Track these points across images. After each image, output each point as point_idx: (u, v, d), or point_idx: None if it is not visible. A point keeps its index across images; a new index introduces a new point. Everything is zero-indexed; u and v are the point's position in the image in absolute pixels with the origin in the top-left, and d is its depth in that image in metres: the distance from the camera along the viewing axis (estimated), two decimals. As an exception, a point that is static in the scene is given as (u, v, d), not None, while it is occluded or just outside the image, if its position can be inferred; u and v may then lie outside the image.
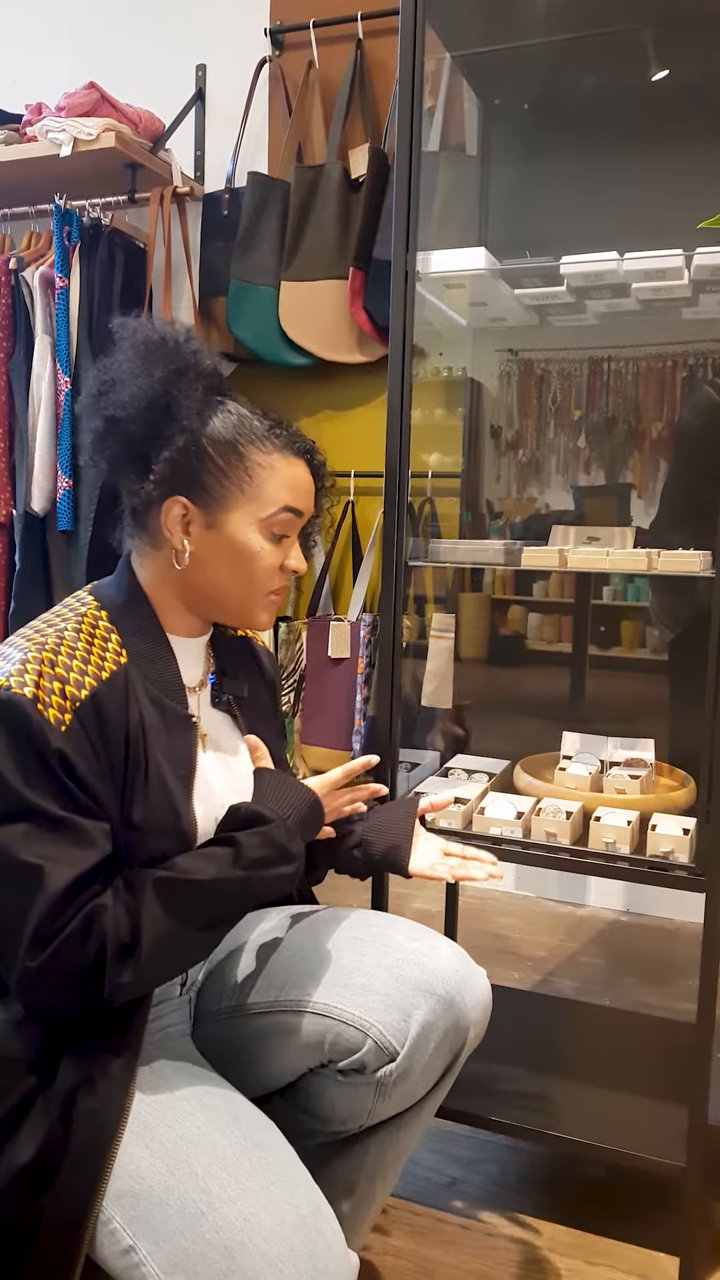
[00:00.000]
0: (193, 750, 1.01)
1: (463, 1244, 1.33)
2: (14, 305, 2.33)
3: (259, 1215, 0.82)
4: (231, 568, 1.01)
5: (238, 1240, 0.81)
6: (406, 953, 1.04)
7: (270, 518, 1.00)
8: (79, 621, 0.97)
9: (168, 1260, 0.82)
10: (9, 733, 0.88)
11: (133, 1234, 0.84)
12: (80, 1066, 0.90)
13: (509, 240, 1.62)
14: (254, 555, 1.01)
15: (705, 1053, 1.25)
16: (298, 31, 2.35)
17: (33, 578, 2.35)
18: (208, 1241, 0.81)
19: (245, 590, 1.02)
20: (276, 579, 1.03)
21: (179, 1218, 0.83)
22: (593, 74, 1.61)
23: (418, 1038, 0.99)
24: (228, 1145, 0.88)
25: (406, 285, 1.32)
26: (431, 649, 1.97)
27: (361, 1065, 0.99)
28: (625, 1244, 1.33)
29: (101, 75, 2.37)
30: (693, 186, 1.54)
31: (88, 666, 0.93)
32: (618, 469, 1.91)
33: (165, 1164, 0.86)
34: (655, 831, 1.29)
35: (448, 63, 1.77)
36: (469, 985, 1.05)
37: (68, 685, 0.91)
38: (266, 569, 1.02)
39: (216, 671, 1.11)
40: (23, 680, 0.89)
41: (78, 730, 0.90)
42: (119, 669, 0.95)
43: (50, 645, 0.93)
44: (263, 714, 1.15)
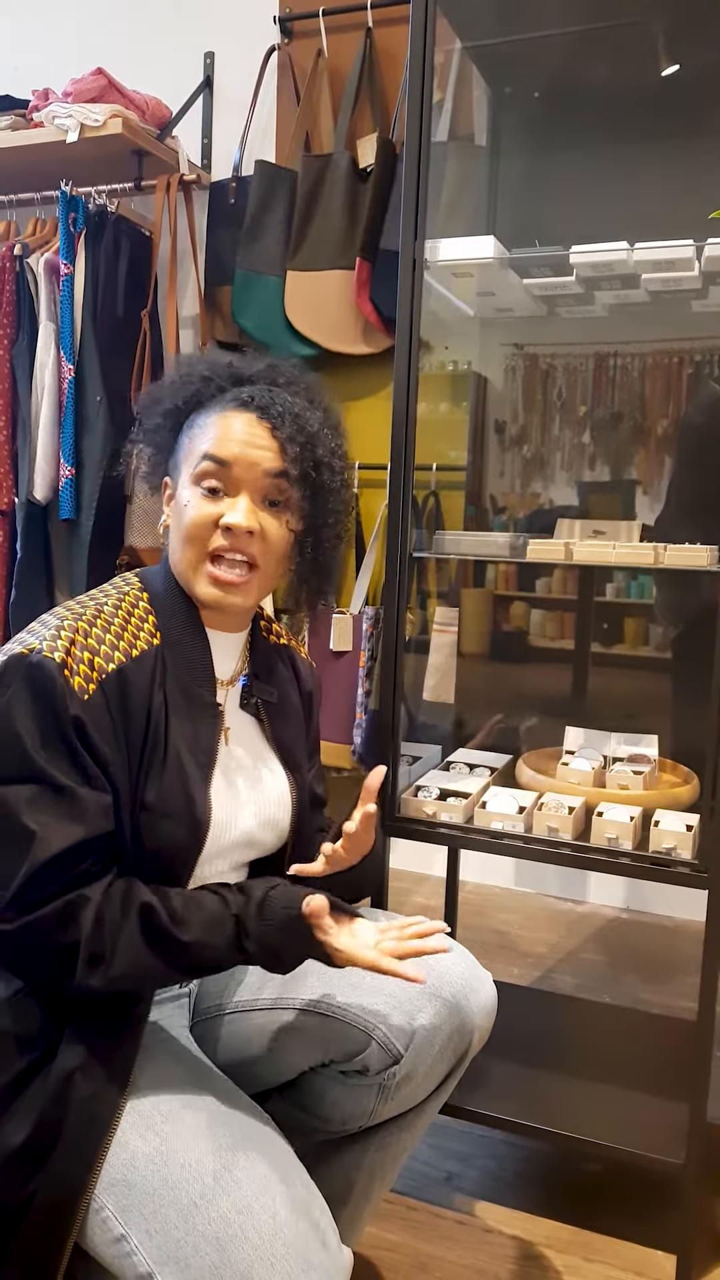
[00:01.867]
0: (215, 740, 1.01)
1: (459, 1239, 1.33)
2: (18, 292, 2.32)
3: (252, 1208, 0.82)
4: (176, 531, 1.00)
5: (230, 1233, 0.80)
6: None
7: (195, 469, 0.98)
8: (120, 599, 0.99)
9: (159, 1250, 0.82)
10: (33, 695, 0.89)
11: (124, 1223, 0.84)
12: (80, 1050, 0.89)
13: (518, 231, 1.60)
14: (183, 509, 0.98)
15: (705, 1050, 1.24)
16: (307, 19, 2.33)
17: (34, 566, 2.34)
18: (200, 1233, 0.81)
19: (184, 553, 0.99)
20: (213, 536, 0.97)
21: (172, 1208, 0.82)
22: (605, 65, 1.60)
23: (422, 1040, 0.98)
24: (223, 1138, 0.87)
25: (415, 273, 1.31)
26: (434, 643, 1.96)
27: (364, 1066, 0.99)
28: (622, 1241, 1.33)
29: (109, 61, 2.35)
30: (704, 179, 1.53)
31: (120, 642, 0.95)
32: (623, 465, 1.90)
33: (160, 1154, 0.86)
34: (658, 827, 1.28)
35: (457, 52, 1.75)
36: (475, 989, 1.04)
37: (97, 657, 0.92)
38: (195, 522, 0.97)
39: (249, 674, 1.09)
40: (55, 645, 0.91)
41: (100, 701, 0.91)
42: (150, 649, 0.96)
43: (88, 617, 0.95)
44: (294, 724, 1.13)
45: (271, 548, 0.99)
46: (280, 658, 1.15)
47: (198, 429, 1.00)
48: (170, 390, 1.05)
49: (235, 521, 0.96)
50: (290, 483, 0.99)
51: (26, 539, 2.32)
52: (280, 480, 0.98)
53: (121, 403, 2.28)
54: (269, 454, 0.97)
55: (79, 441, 2.26)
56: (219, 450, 0.97)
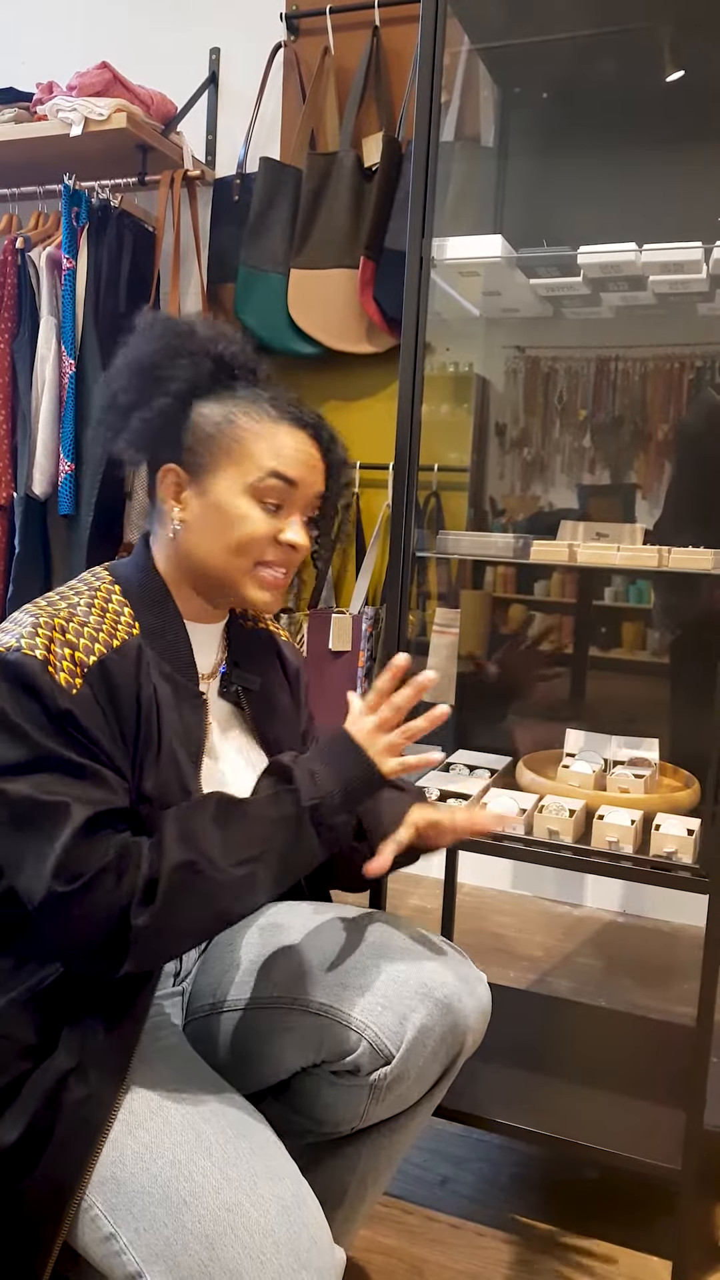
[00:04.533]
0: (203, 729, 1.00)
1: (453, 1243, 1.32)
2: (20, 285, 2.31)
3: (242, 1205, 0.81)
4: (217, 534, 0.98)
5: (219, 1230, 0.79)
6: (405, 955, 1.02)
7: (258, 483, 0.97)
8: (92, 595, 0.96)
9: (148, 1248, 0.81)
10: (20, 690, 0.87)
11: (113, 1221, 0.83)
12: (75, 1052, 0.88)
13: (525, 231, 1.60)
14: (239, 519, 0.97)
15: (703, 1057, 1.23)
16: (314, 17, 2.32)
17: (32, 561, 2.33)
18: (189, 1231, 0.80)
19: (230, 559, 0.98)
20: (269, 550, 0.99)
21: (160, 1206, 0.82)
22: (615, 67, 1.59)
23: (413, 1041, 0.97)
24: (213, 1135, 0.86)
25: (421, 271, 1.30)
26: (433, 644, 1.95)
27: (355, 1067, 0.97)
28: (618, 1247, 1.32)
29: (114, 56, 2.34)
30: (713, 182, 1.53)
31: (99, 634, 0.93)
32: (624, 469, 1.90)
33: (149, 1151, 0.85)
34: (659, 831, 1.28)
35: (465, 53, 1.75)
36: (469, 990, 1.02)
37: (77, 651, 0.90)
38: (254, 536, 0.97)
39: (228, 661, 1.09)
40: (34, 643, 0.88)
41: (88, 694, 0.89)
42: (131, 639, 0.95)
43: (62, 613, 0.92)
44: (278, 710, 1.12)
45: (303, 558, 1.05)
46: (259, 643, 1.14)
47: (245, 431, 0.98)
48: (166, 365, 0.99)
49: (298, 541, 0.99)
50: (326, 504, 1.05)
51: (25, 534, 2.31)
52: (319, 500, 1.04)
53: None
54: (320, 477, 1.02)
55: (79, 437, 2.25)
56: (289, 470, 0.98)
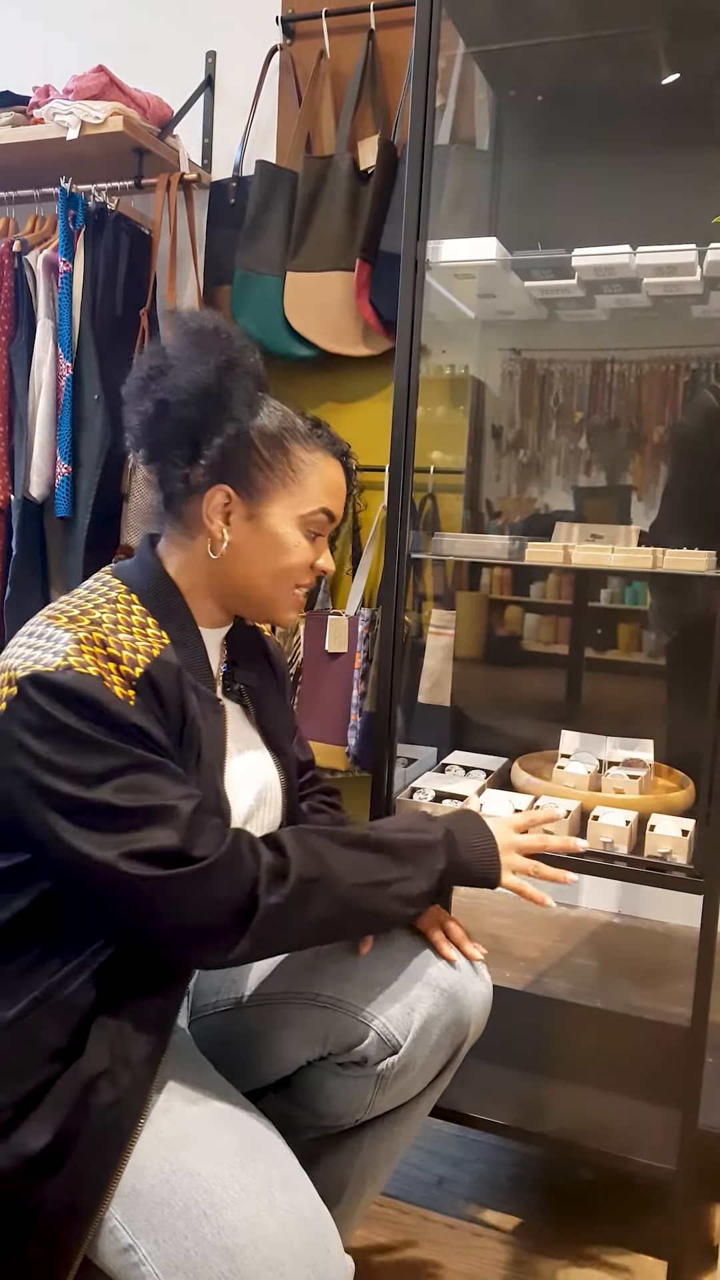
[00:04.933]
0: (224, 735, 1.01)
1: (450, 1243, 1.32)
2: (16, 288, 2.31)
3: (261, 1218, 0.81)
4: (265, 560, 1.00)
5: (239, 1243, 0.80)
6: (409, 948, 1.04)
7: (308, 515, 1.01)
8: (113, 607, 0.94)
9: (168, 1260, 0.81)
10: (86, 706, 0.85)
11: (132, 1232, 0.83)
12: (105, 1055, 0.87)
13: (519, 234, 1.60)
14: (289, 549, 1.01)
15: (698, 1057, 1.24)
16: (309, 20, 2.32)
17: (29, 564, 2.33)
18: (209, 1243, 0.80)
19: (274, 584, 1.02)
20: (306, 576, 1.03)
21: (180, 1218, 0.82)
22: (609, 70, 1.60)
23: (420, 1030, 0.99)
24: (231, 1146, 0.86)
25: (416, 274, 1.31)
26: (429, 645, 1.96)
27: (363, 1058, 0.99)
28: (613, 1246, 1.33)
29: (110, 59, 2.34)
30: (707, 184, 1.53)
31: (139, 645, 0.92)
32: (619, 471, 1.90)
33: (168, 1162, 0.85)
34: (654, 832, 1.28)
35: (459, 56, 1.75)
36: (473, 981, 1.05)
37: (121, 665, 0.89)
38: (298, 565, 1.02)
39: (229, 661, 1.10)
40: (83, 660, 0.87)
41: (142, 705, 0.89)
42: (166, 649, 0.94)
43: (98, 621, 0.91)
44: (273, 705, 1.14)
45: None
46: (251, 642, 1.15)
47: (302, 464, 1.01)
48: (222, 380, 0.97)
49: (327, 566, 1.05)
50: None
51: (22, 537, 2.31)
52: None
53: (119, 401, 2.26)
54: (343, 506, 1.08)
55: (76, 439, 2.25)
56: (334, 507, 1.04)
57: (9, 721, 0.85)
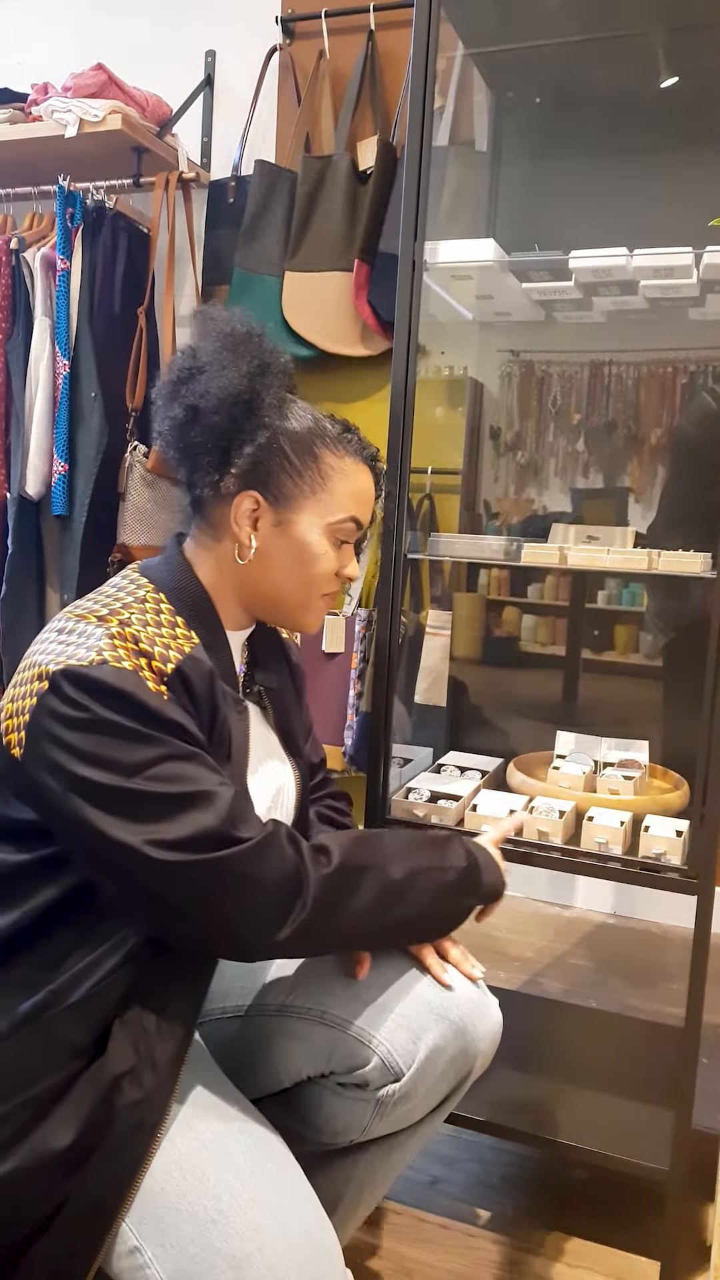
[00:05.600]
0: (247, 733, 1.01)
1: (443, 1243, 1.32)
2: (14, 286, 2.30)
3: (268, 1226, 0.81)
4: (292, 567, 1.00)
5: (246, 1251, 0.80)
6: (421, 974, 1.02)
7: (337, 524, 1.01)
8: (142, 605, 0.94)
9: (174, 1265, 0.81)
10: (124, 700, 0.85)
11: (139, 1234, 0.83)
12: (129, 1054, 0.86)
13: (517, 236, 1.61)
14: (316, 558, 1.00)
15: (691, 1057, 1.24)
16: (309, 20, 2.33)
17: (25, 562, 2.33)
18: (216, 1250, 0.80)
19: (301, 591, 1.01)
20: (332, 584, 1.03)
21: (189, 1223, 0.82)
22: (608, 73, 1.60)
23: (424, 1061, 0.97)
24: (240, 1153, 0.86)
25: (414, 275, 1.31)
26: (426, 646, 1.96)
27: (364, 1081, 0.98)
28: (606, 1247, 1.33)
29: (110, 57, 2.34)
30: (704, 187, 1.54)
31: (171, 642, 0.92)
32: (616, 472, 1.91)
33: (179, 1166, 0.85)
34: (648, 833, 1.28)
35: (458, 58, 1.76)
36: (482, 1014, 1.02)
37: (154, 661, 0.89)
38: (325, 573, 1.01)
39: (249, 663, 1.10)
40: (118, 655, 0.86)
41: (174, 701, 0.89)
42: (195, 648, 0.94)
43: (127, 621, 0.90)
44: (291, 707, 1.14)
45: None
46: (271, 643, 1.15)
47: (333, 471, 1.01)
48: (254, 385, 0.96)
49: (353, 573, 1.04)
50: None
51: (18, 535, 2.31)
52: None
53: (116, 400, 2.27)
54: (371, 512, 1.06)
55: (73, 438, 2.25)
56: (362, 514, 1.03)
57: (41, 715, 0.84)
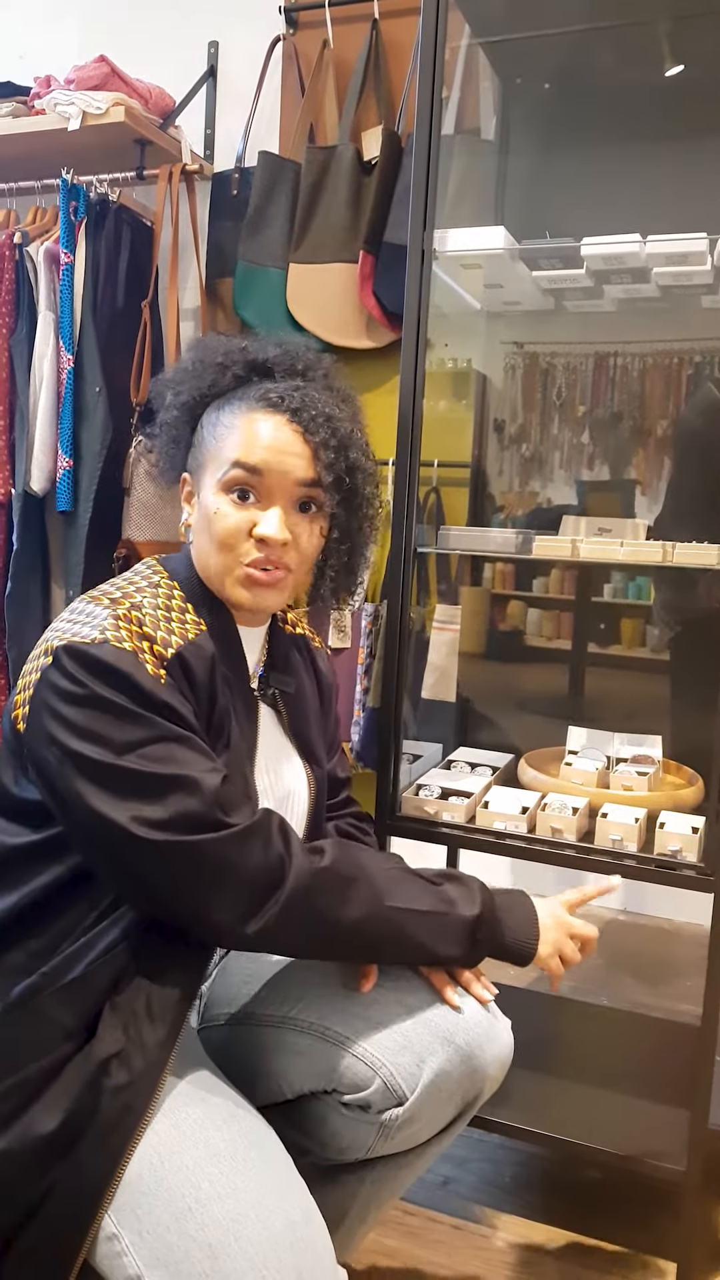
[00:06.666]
0: (255, 724, 1.00)
1: (455, 1244, 1.31)
2: (18, 281, 2.29)
3: (248, 1216, 0.80)
4: (203, 533, 0.98)
5: (223, 1240, 0.78)
6: (429, 996, 1.00)
7: (224, 476, 0.95)
8: (155, 590, 0.96)
9: (150, 1253, 0.80)
10: (119, 679, 0.86)
11: (117, 1221, 0.82)
12: (119, 1037, 0.86)
13: (526, 224, 1.58)
14: (214, 515, 0.96)
15: (708, 1056, 1.22)
16: (313, 10, 2.30)
17: (30, 558, 2.31)
18: (193, 1238, 0.79)
19: (217, 558, 0.97)
20: (244, 544, 0.95)
21: (166, 1210, 0.80)
22: (619, 59, 1.58)
23: (428, 1085, 0.95)
24: (222, 1142, 0.85)
25: (423, 264, 1.29)
26: (434, 640, 1.94)
27: (367, 1103, 0.96)
28: (621, 1248, 1.31)
29: (112, 49, 2.32)
30: (717, 174, 1.51)
31: (173, 627, 0.93)
32: (623, 465, 1.89)
33: (157, 1153, 0.83)
34: (663, 830, 1.27)
35: (464, 46, 1.73)
36: (490, 1038, 1.00)
37: (155, 644, 0.90)
38: (227, 531, 0.95)
39: (265, 665, 1.08)
40: (120, 635, 0.88)
41: (171, 685, 0.89)
42: (201, 635, 0.95)
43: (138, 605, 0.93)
44: (311, 716, 1.12)
45: (304, 553, 0.99)
46: (297, 648, 1.14)
47: (223, 427, 0.97)
48: (184, 378, 1.02)
49: (269, 534, 0.95)
50: (324, 489, 0.97)
51: (23, 531, 2.29)
52: (313, 487, 0.97)
53: (121, 394, 2.25)
54: (302, 461, 0.95)
55: (77, 433, 2.23)
56: (249, 458, 0.94)
57: (42, 688, 0.87)
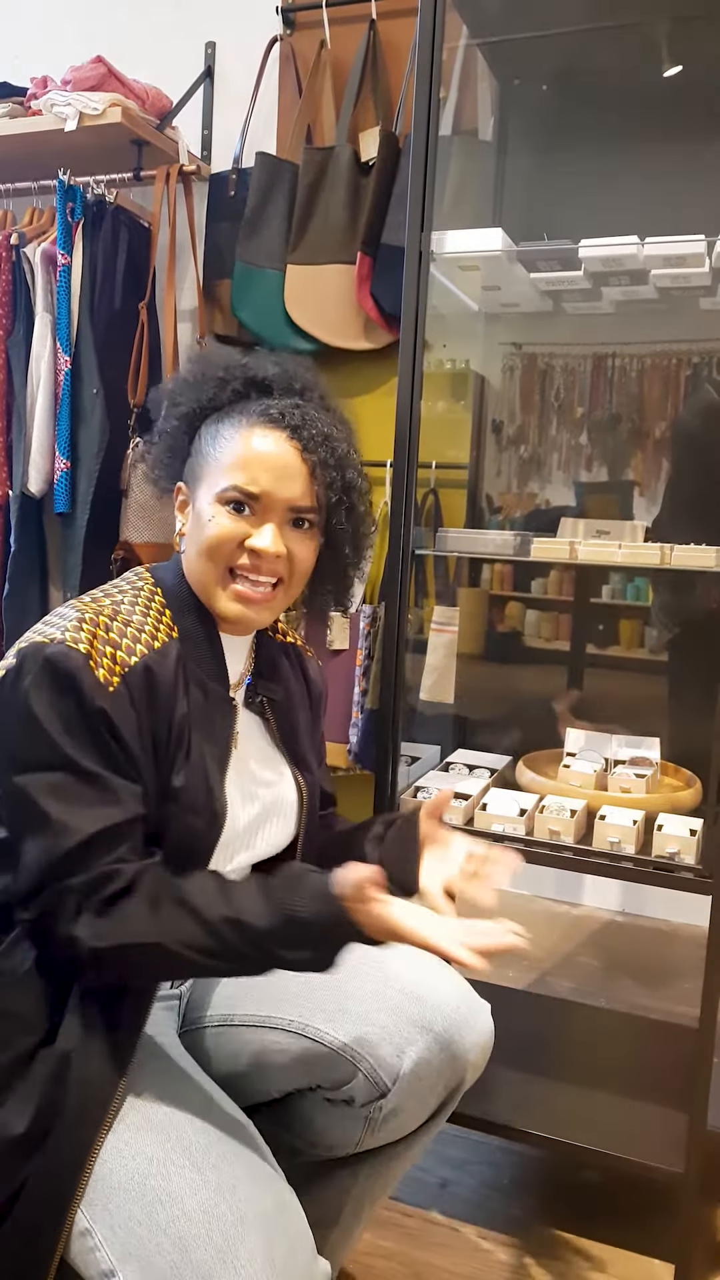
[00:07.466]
0: (230, 735, 1.00)
1: (454, 1247, 1.31)
2: (15, 282, 2.28)
3: (218, 1208, 0.79)
4: (194, 542, 0.98)
5: (193, 1233, 0.78)
6: (406, 984, 1.00)
7: (222, 491, 0.95)
8: (136, 595, 0.97)
9: (122, 1247, 0.79)
10: (57, 684, 0.87)
11: (89, 1216, 0.81)
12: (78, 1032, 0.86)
13: (524, 226, 1.59)
14: (207, 524, 0.96)
15: (706, 1057, 1.23)
16: (310, 10, 2.30)
17: (28, 561, 2.31)
18: (163, 1231, 0.78)
19: (205, 565, 0.97)
20: (235, 555, 0.96)
21: (137, 1204, 0.80)
22: (617, 60, 1.58)
23: (409, 1075, 0.95)
24: (195, 1135, 0.84)
25: (420, 265, 1.29)
26: (431, 642, 1.94)
27: (350, 1098, 0.96)
28: (620, 1250, 1.31)
29: (109, 50, 2.32)
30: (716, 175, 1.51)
31: (141, 634, 0.93)
32: (621, 466, 1.89)
33: (129, 1147, 0.83)
34: (661, 832, 1.27)
35: (462, 47, 1.73)
36: (469, 1023, 1.00)
37: (119, 651, 0.91)
38: (216, 539, 0.95)
39: (253, 672, 1.08)
40: (77, 638, 0.89)
41: (124, 694, 0.89)
42: (171, 642, 0.95)
43: (107, 611, 0.93)
44: (299, 725, 1.11)
45: (298, 567, 0.99)
46: (287, 656, 1.13)
47: (223, 440, 0.97)
48: (183, 389, 1.02)
49: (262, 547, 0.95)
50: (319, 506, 0.98)
51: (20, 533, 2.29)
52: (308, 504, 0.97)
53: (118, 396, 2.25)
54: (299, 477, 0.96)
55: (75, 434, 2.23)
56: (248, 471, 0.95)
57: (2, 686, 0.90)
